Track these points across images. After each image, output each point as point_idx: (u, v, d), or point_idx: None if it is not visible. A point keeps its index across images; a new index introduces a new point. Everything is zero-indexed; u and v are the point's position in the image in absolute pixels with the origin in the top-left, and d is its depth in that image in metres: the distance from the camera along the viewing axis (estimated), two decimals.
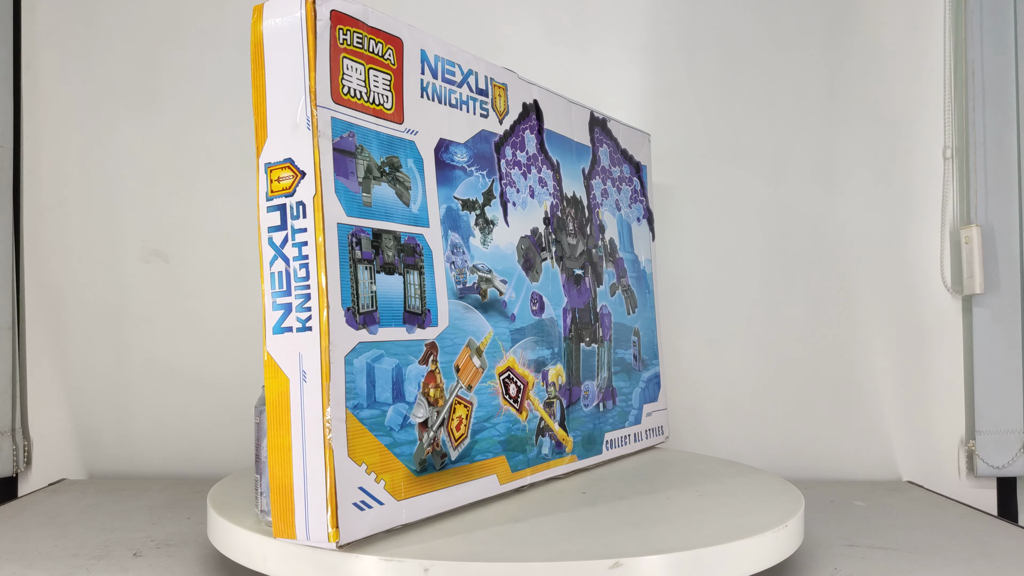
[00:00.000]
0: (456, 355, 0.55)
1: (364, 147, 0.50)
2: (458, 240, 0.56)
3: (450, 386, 0.54)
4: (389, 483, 0.49)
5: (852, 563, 0.61)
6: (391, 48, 0.52)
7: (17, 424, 0.91)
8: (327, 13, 0.48)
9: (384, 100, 0.52)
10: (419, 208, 0.54)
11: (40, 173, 0.94)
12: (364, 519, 0.47)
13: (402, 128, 0.53)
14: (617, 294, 0.76)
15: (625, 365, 0.77)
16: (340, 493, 0.46)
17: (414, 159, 0.54)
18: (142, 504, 0.78)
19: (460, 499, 0.55)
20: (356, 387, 0.47)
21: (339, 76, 0.48)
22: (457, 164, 0.57)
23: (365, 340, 0.48)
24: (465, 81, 0.59)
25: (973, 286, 0.90)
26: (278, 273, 0.48)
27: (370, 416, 0.48)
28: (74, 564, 0.59)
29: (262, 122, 0.49)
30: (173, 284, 0.94)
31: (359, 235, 0.49)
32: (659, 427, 0.82)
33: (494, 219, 0.60)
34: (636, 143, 0.83)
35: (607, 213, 0.76)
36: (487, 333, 0.58)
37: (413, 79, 0.54)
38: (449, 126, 0.57)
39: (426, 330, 0.53)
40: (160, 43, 0.94)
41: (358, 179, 0.49)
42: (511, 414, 0.60)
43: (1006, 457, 0.89)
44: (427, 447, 0.52)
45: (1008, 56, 0.91)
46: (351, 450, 0.47)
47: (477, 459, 0.56)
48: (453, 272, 0.56)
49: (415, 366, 0.52)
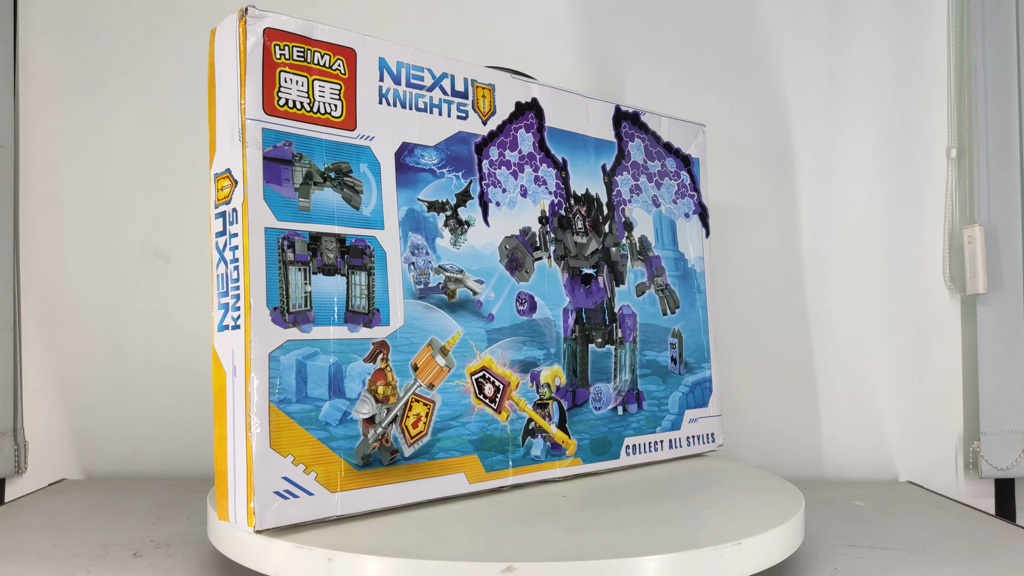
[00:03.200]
0: (414, 354, 0.56)
1: (304, 155, 0.52)
2: (420, 241, 0.58)
3: (405, 384, 0.56)
4: (322, 475, 0.51)
5: (852, 563, 0.61)
6: (341, 59, 0.54)
7: (19, 424, 0.91)
8: (260, 31, 0.51)
9: (332, 109, 0.54)
10: (372, 211, 0.55)
11: (36, 172, 0.93)
12: (288, 507, 0.50)
13: (354, 134, 0.55)
14: (648, 294, 0.73)
15: (658, 368, 0.73)
16: (258, 482, 0.49)
17: (369, 163, 0.55)
18: (142, 504, 0.77)
19: (417, 495, 0.56)
20: (283, 383, 0.50)
21: (274, 89, 0.51)
22: (423, 167, 0.58)
23: (295, 338, 0.51)
24: (437, 85, 0.60)
25: (976, 286, 0.89)
26: (220, 275, 0.52)
27: (300, 410, 0.51)
28: (74, 564, 0.59)
29: (212, 136, 0.53)
30: (173, 284, 0.93)
31: (292, 238, 0.51)
32: (708, 434, 0.77)
33: (469, 220, 0.61)
34: (684, 135, 0.79)
35: (638, 210, 0.74)
36: (455, 333, 0.59)
37: (369, 87, 0.56)
38: (415, 130, 0.58)
39: (373, 329, 0.54)
40: (160, 42, 0.93)
41: (294, 185, 0.52)
42: (486, 414, 0.60)
43: (1010, 458, 0.89)
44: (373, 442, 0.54)
45: (1011, 55, 0.91)
46: (274, 442, 0.49)
47: (439, 457, 0.57)
48: (413, 273, 0.57)
49: (358, 364, 0.53)
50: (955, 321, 0.95)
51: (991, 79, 0.90)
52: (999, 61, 0.90)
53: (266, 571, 0.49)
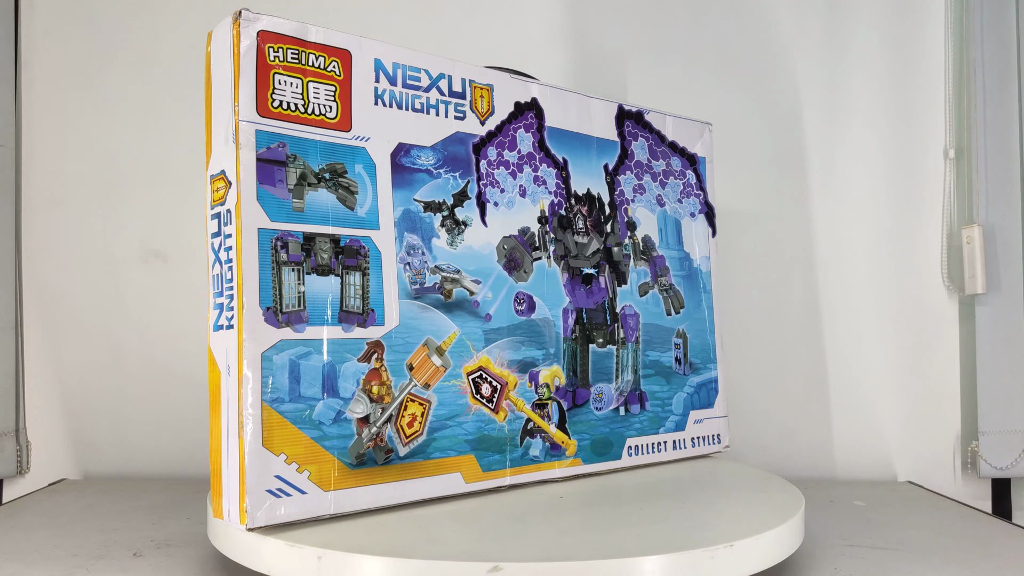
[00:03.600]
0: (409, 354, 0.56)
1: (298, 156, 0.53)
2: (416, 241, 0.58)
3: (400, 384, 0.56)
4: (315, 474, 0.51)
5: (852, 563, 0.61)
6: (336, 61, 0.55)
7: (21, 424, 0.90)
8: (254, 34, 0.51)
9: (327, 110, 0.54)
10: (367, 211, 0.56)
11: (37, 172, 0.93)
12: (280, 506, 0.50)
13: (349, 135, 0.55)
14: (651, 294, 0.73)
15: (661, 368, 0.73)
16: (250, 480, 0.49)
17: (364, 164, 0.56)
18: (142, 504, 0.77)
19: (412, 494, 0.56)
20: (276, 382, 0.50)
21: (268, 91, 0.52)
22: (420, 167, 0.59)
23: (289, 338, 0.51)
24: (434, 85, 0.60)
25: (975, 286, 0.89)
26: (215, 276, 0.52)
27: (293, 410, 0.51)
28: (74, 564, 0.59)
29: (208, 137, 0.54)
30: (172, 285, 0.93)
31: (285, 239, 0.52)
32: (714, 435, 0.77)
33: (467, 220, 0.61)
34: (690, 134, 0.78)
35: (642, 209, 0.73)
36: (451, 333, 0.59)
37: (365, 88, 0.56)
38: (411, 130, 0.58)
39: (367, 329, 0.55)
40: (160, 43, 0.93)
41: (288, 186, 0.52)
42: (483, 414, 0.60)
43: (1009, 458, 0.90)
44: (367, 442, 0.54)
45: (1010, 55, 0.91)
46: (267, 440, 0.50)
47: (435, 456, 0.57)
48: (408, 273, 0.57)
49: (352, 363, 0.54)
50: (954, 321, 0.95)
51: (990, 79, 0.91)
52: (998, 61, 0.91)
53: (259, 569, 0.49)
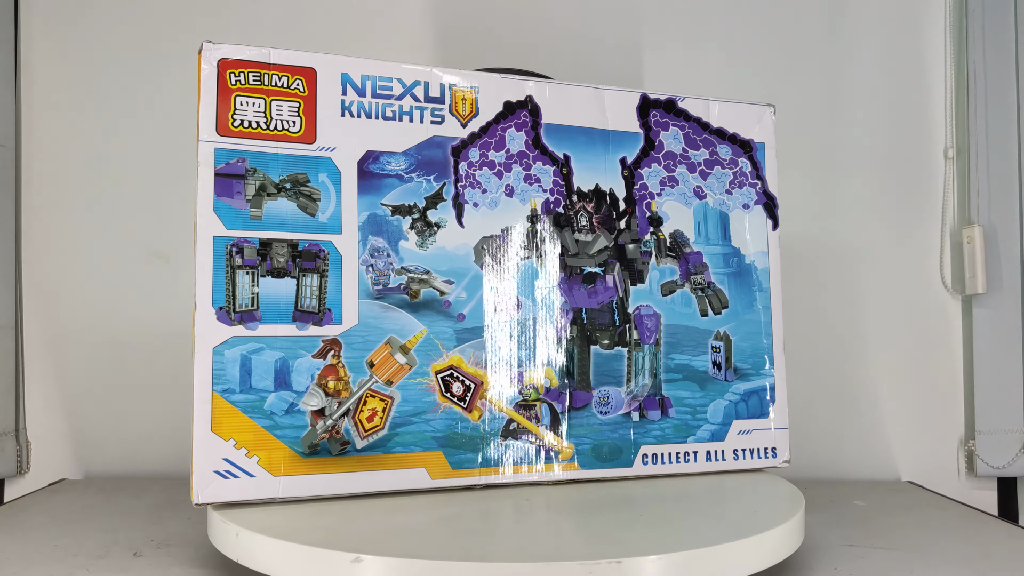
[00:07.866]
0: (370, 352, 0.59)
1: (258, 169, 0.58)
2: (382, 244, 0.60)
3: (359, 380, 0.59)
4: (264, 459, 0.56)
5: (852, 563, 0.61)
6: (300, 79, 0.59)
7: (21, 424, 0.90)
8: (215, 61, 0.57)
9: (290, 125, 0.59)
10: (329, 217, 0.59)
11: (37, 173, 0.92)
12: (228, 486, 0.55)
13: (314, 147, 0.59)
14: (680, 293, 0.68)
15: (693, 373, 0.68)
16: (199, 461, 0.55)
17: (328, 173, 0.59)
18: (142, 504, 0.76)
19: (369, 486, 0.58)
20: (227, 374, 0.56)
21: (229, 112, 0.57)
22: (389, 172, 0.61)
23: (241, 335, 0.56)
24: (408, 93, 0.62)
25: (975, 286, 0.90)
26: None
27: (244, 400, 0.56)
28: (74, 564, 0.59)
29: None
30: (172, 285, 0.91)
31: (241, 245, 0.57)
32: (768, 448, 0.70)
33: (440, 221, 0.62)
34: (744, 119, 0.72)
35: (672, 203, 0.69)
36: (417, 332, 0.60)
37: (331, 101, 0.60)
38: (380, 138, 0.61)
39: (323, 327, 0.58)
40: (160, 44, 0.93)
41: (246, 197, 0.57)
42: (454, 412, 0.61)
43: (1006, 457, 0.90)
44: (322, 433, 0.58)
45: (1009, 56, 0.92)
46: (216, 426, 0.55)
47: (396, 451, 0.59)
48: (371, 274, 0.60)
49: (307, 359, 0.58)
50: (955, 321, 0.95)
51: (989, 79, 0.91)
52: (998, 61, 0.92)
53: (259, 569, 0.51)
